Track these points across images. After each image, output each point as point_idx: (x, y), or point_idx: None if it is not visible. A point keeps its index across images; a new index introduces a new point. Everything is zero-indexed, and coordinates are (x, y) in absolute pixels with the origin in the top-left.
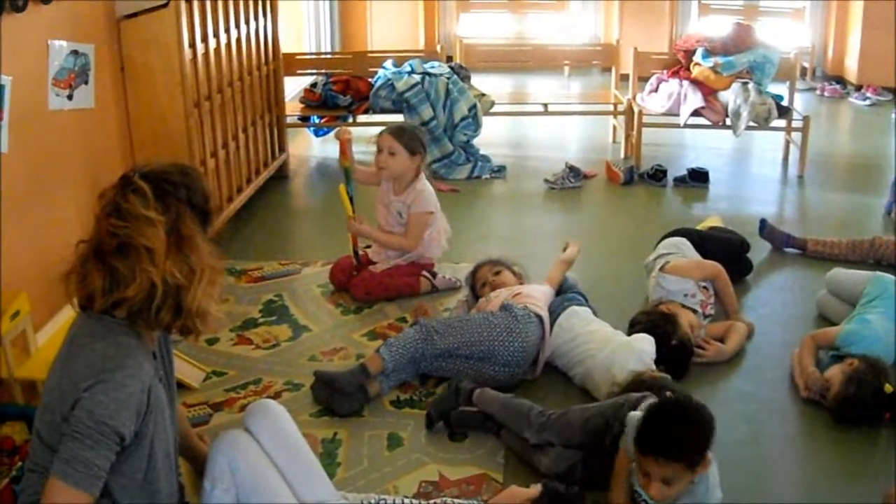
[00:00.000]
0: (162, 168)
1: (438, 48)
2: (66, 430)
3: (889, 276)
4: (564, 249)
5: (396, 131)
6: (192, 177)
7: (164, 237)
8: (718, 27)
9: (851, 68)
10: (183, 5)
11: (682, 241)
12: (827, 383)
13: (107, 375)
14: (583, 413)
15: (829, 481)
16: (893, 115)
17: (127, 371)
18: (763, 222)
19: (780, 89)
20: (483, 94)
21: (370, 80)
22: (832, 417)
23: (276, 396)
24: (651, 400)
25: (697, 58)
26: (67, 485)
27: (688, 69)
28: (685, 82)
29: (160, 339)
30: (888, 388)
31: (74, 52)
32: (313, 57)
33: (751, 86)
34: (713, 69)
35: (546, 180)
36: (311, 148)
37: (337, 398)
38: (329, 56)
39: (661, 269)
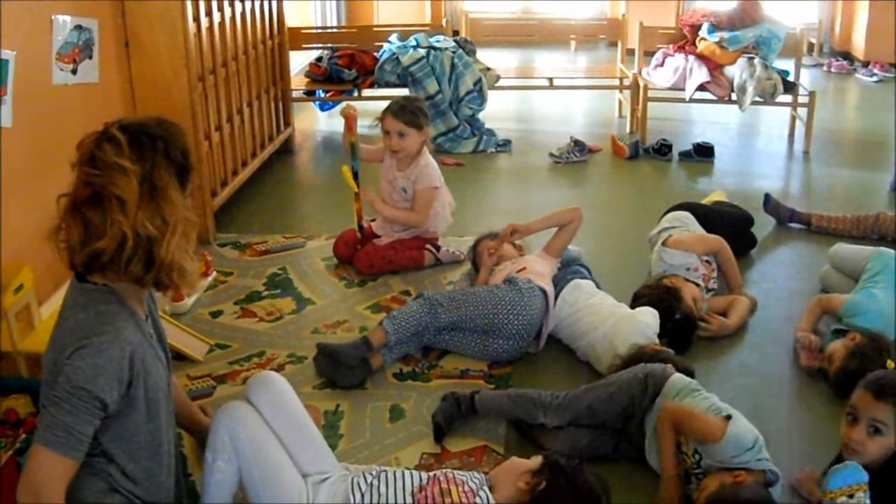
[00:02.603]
0: (141, 120)
1: (444, 22)
2: (50, 397)
3: (892, 252)
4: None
5: (399, 111)
6: (171, 130)
7: (137, 187)
8: (724, 2)
9: (858, 44)
10: None
11: (686, 215)
12: (829, 359)
13: (85, 342)
14: (605, 390)
15: (829, 455)
16: None
17: (105, 337)
18: (767, 197)
19: (787, 65)
20: (488, 68)
21: (375, 54)
22: (833, 391)
23: (279, 369)
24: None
25: (703, 32)
26: (48, 449)
27: (693, 44)
28: (691, 57)
29: (148, 301)
30: (890, 364)
31: (78, 27)
32: (318, 31)
33: (757, 61)
34: (719, 44)
35: (551, 154)
36: (316, 122)
37: (339, 370)
38: (334, 30)
39: (664, 242)
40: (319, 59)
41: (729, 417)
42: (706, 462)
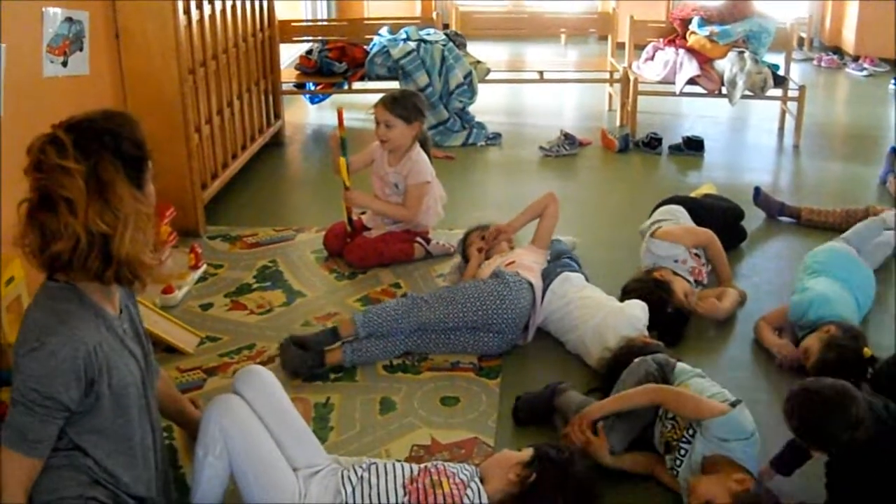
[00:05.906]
0: (88, 116)
1: (434, 15)
2: (11, 396)
3: (823, 247)
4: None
5: (389, 103)
6: (120, 123)
7: (83, 185)
8: None
9: (849, 39)
10: None
11: (679, 209)
12: (805, 353)
13: (37, 344)
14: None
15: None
16: (891, 86)
17: (57, 338)
18: (757, 190)
19: (777, 59)
20: (479, 62)
21: (366, 47)
22: None
23: (269, 361)
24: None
25: (693, 26)
26: (7, 448)
27: (684, 38)
28: (681, 51)
29: (123, 298)
30: (867, 351)
31: (69, 19)
32: (309, 24)
33: (747, 55)
34: (709, 38)
35: (541, 147)
36: (306, 115)
37: (288, 352)
38: (325, 23)
39: (652, 234)
40: (310, 51)
41: (735, 404)
42: (698, 444)
